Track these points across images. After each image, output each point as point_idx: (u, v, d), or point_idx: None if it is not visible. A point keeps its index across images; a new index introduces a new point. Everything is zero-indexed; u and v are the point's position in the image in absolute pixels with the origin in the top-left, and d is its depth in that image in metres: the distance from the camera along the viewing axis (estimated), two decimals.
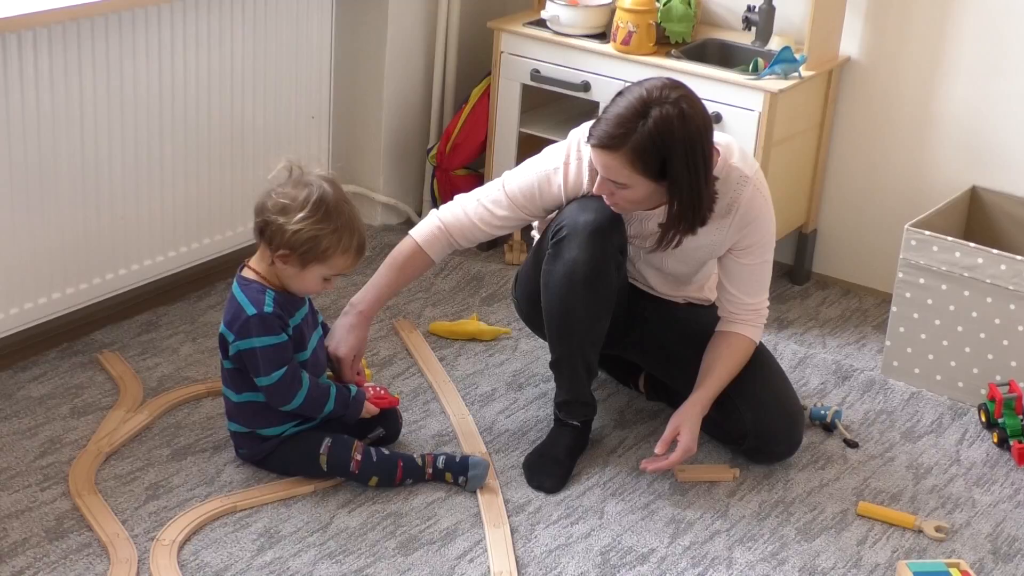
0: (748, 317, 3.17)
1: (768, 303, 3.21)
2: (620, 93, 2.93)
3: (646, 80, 2.93)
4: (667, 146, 2.83)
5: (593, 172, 3.02)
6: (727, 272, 3.16)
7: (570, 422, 3.19)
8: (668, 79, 2.93)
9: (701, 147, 2.87)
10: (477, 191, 3.20)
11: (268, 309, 2.90)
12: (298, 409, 2.96)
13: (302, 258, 2.88)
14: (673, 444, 3.08)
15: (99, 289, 3.48)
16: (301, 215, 2.85)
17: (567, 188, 3.08)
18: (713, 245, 3.11)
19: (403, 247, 3.18)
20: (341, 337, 3.12)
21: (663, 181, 2.89)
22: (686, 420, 3.08)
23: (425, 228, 3.18)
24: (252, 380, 2.94)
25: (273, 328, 2.90)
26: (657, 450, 3.08)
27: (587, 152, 3.04)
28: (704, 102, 3.01)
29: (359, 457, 3.00)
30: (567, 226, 3.02)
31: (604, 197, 2.97)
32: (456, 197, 3.21)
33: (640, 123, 2.83)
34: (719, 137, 3.03)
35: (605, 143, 2.86)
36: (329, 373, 3.10)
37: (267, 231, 2.89)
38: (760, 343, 3.23)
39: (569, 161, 3.08)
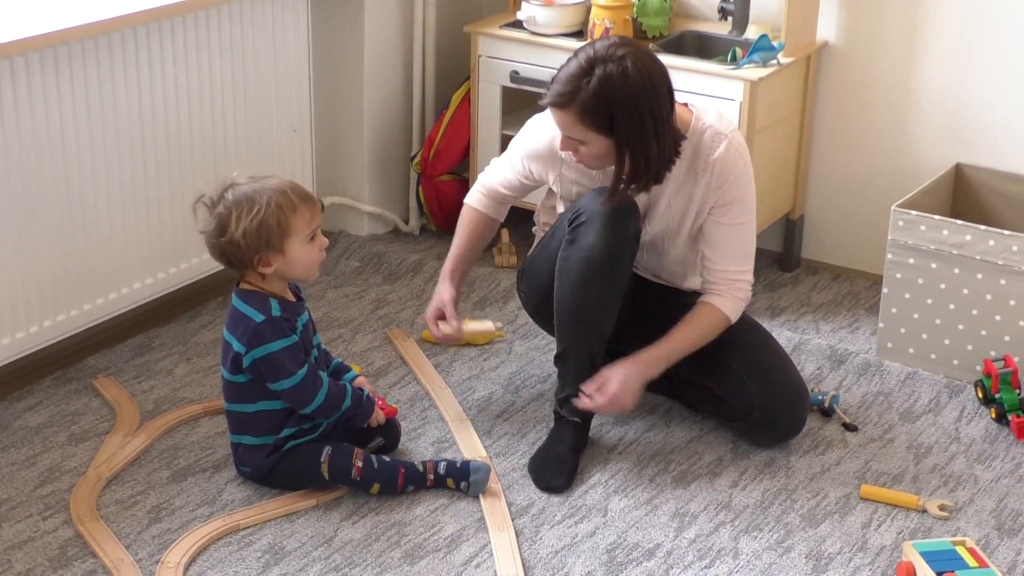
0: (723, 288, 3.17)
1: (749, 278, 3.18)
2: (574, 54, 3.00)
3: (597, 40, 3.02)
4: (610, 102, 2.91)
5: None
6: (705, 236, 3.18)
7: (571, 419, 3.19)
8: (619, 37, 3.01)
9: (647, 102, 2.93)
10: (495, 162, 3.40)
11: (276, 313, 2.92)
12: (318, 408, 2.97)
13: (271, 246, 2.89)
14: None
15: (90, 315, 3.48)
16: (235, 217, 2.87)
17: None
18: (697, 208, 3.13)
19: (462, 214, 3.42)
20: (438, 291, 3.36)
21: (612, 136, 2.95)
22: (616, 372, 3.10)
23: (474, 195, 3.41)
24: (266, 389, 2.95)
25: (284, 331, 2.92)
26: (584, 388, 3.11)
27: None
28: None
29: (360, 464, 3.00)
30: (586, 211, 3.06)
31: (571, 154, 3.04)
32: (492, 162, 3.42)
33: (585, 81, 2.92)
34: (697, 100, 3.11)
35: (555, 101, 2.97)
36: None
37: (232, 257, 2.91)
38: (761, 326, 3.24)
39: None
